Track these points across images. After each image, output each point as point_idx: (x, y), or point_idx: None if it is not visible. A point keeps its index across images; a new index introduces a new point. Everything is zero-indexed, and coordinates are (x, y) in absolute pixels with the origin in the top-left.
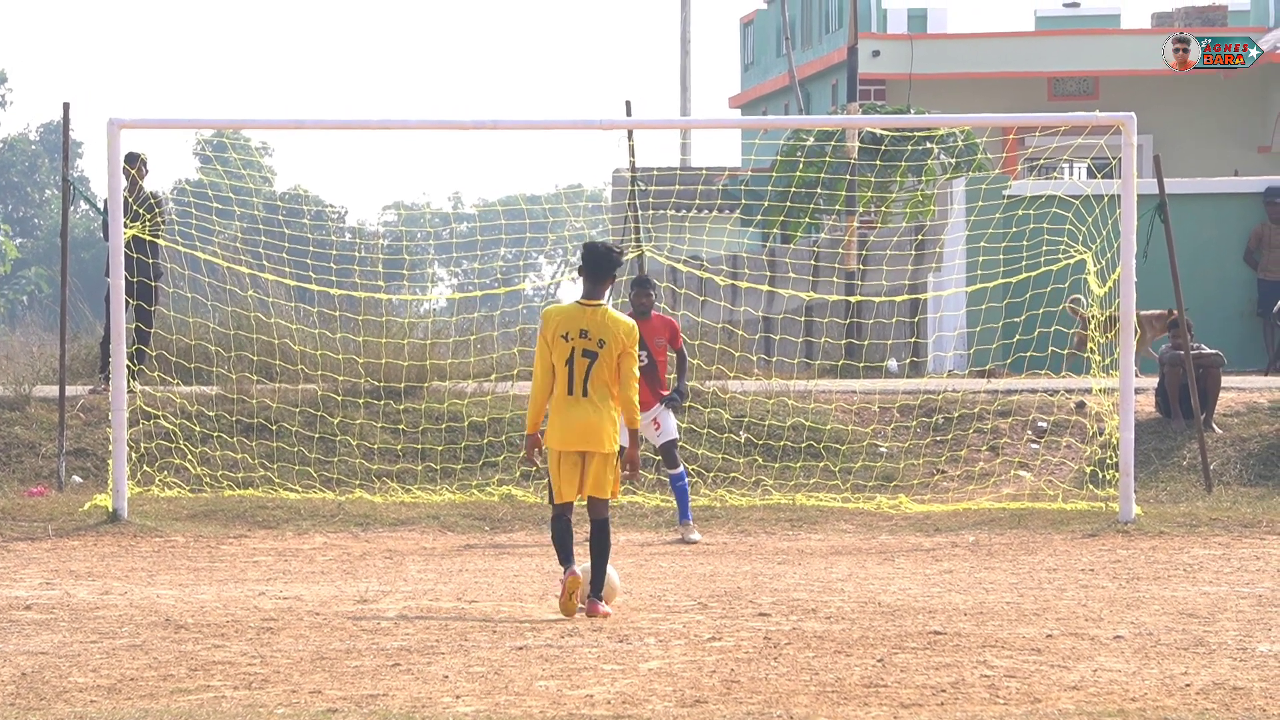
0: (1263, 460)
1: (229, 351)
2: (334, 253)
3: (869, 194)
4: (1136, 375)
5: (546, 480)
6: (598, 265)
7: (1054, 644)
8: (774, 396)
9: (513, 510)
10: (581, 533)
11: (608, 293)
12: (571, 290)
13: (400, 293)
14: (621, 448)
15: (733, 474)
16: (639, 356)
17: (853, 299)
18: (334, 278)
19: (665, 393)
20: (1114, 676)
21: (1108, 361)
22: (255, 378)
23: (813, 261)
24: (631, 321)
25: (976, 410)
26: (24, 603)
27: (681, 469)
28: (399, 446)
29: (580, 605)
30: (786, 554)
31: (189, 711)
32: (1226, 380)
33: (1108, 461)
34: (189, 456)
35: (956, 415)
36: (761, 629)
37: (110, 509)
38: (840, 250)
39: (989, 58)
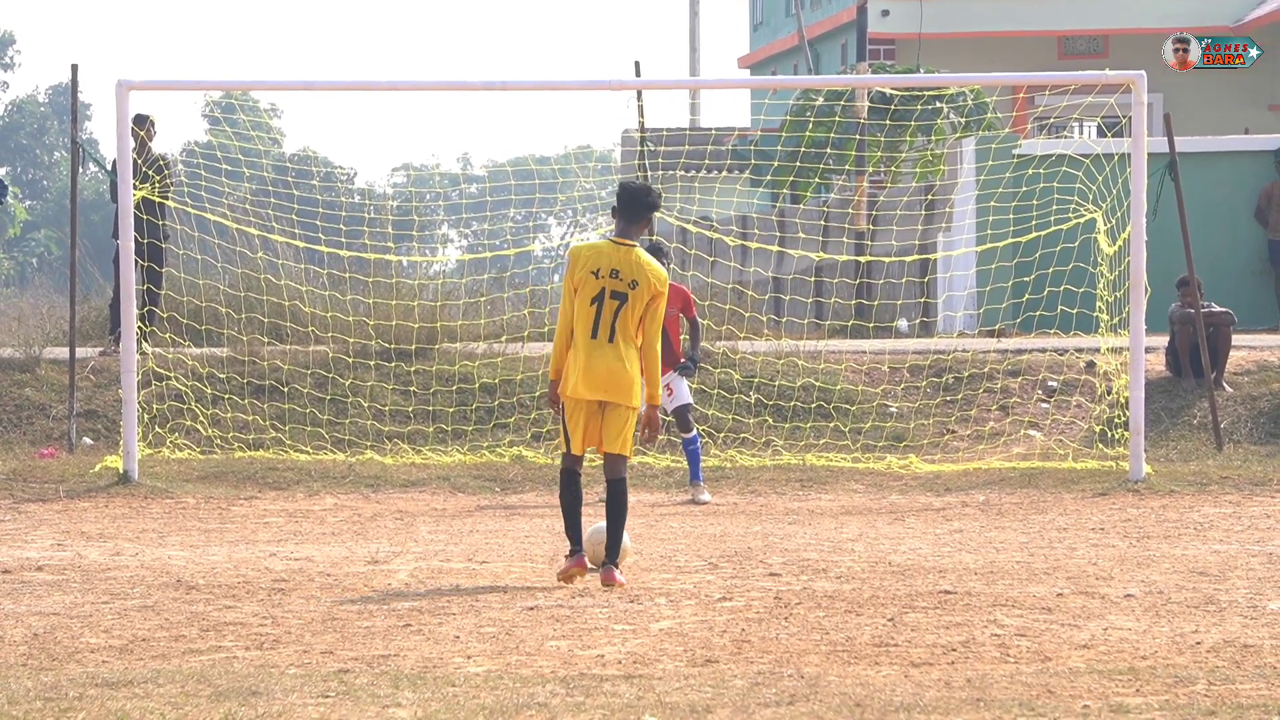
0: (1273, 418)
1: (239, 313)
2: (343, 214)
3: (878, 154)
4: None
5: (561, 432)
6: (633, 205)
7: (1064, 603)
8: (784, 357)
9: (523, 471)
10: (593, 493)
11: (640, 235)
12: None
13: (410, 254)
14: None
15: (743, 434)
16: None
17: (862, 259)
18: (343, 239)
19: (681, 360)
20: (1125, 635)
21: (1117, 320)
22: (265, 339)
23: (822, 222)
24: (664, 271)
25: (986, 370)
26: (35, 564)
27: (694, 433)
28: (409, 408)
29: (592, 569)
30: (797, 514)
31: (201, 672)
32: (1237, 339)
33: (1118, 420)
34: (200, 418)
35: (966, 375)
36: (772, 589)
37: (121, 470)
38: (850, 210)
39: (998, 16)
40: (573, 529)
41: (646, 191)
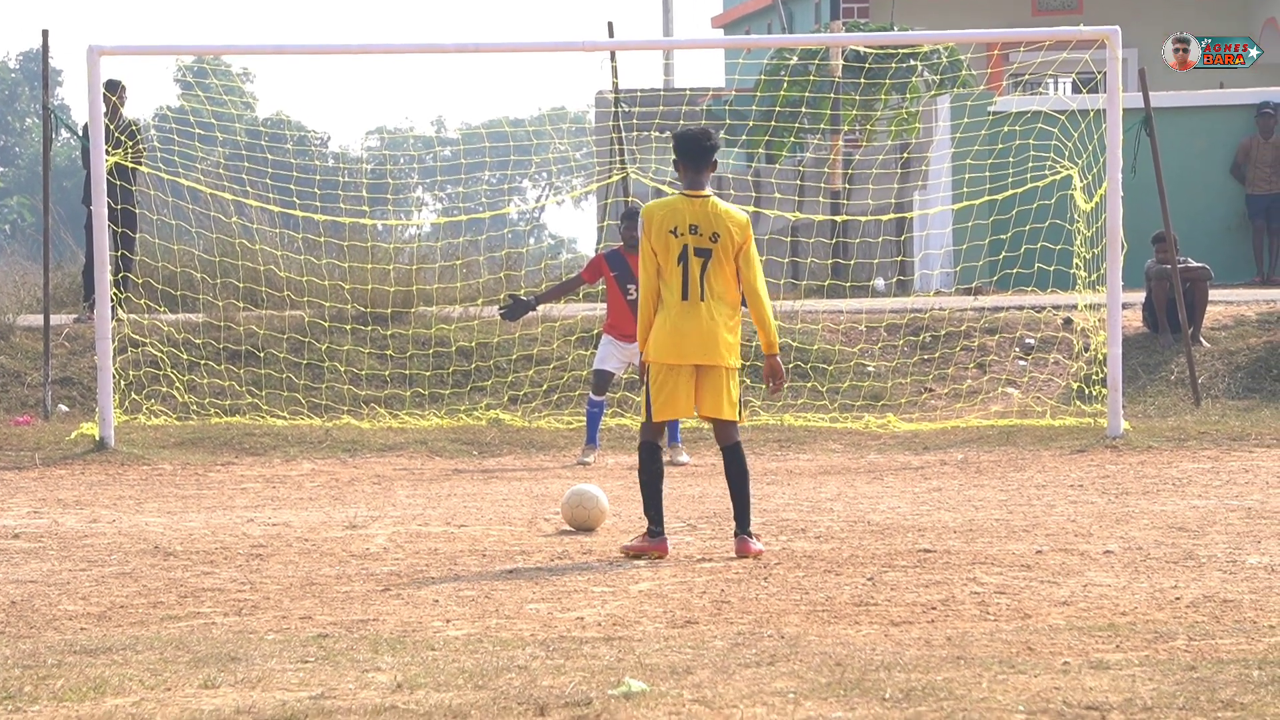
0: (1250, 373)
1: (214, 278)
2: (318, 178)
3: (853, 113)
4: None
5: (643, 402)
6: (695, 151)
7: (1043, 560)
8: None
9: (500, 435)
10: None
11: (709, 181)
12: (556, 214)
13: (385, 218)
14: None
15: None
16: (629, 290)
17: (838, 218)
18: (318, 203)
19: None
20: (1104, 591)
21: (1094, 277)
22: (241, 304)
23: (798, 181)
24: (745, 215)
25: (963, 328)
26: (12, 532)
27: (602, 399)
28: (386, 372)
29: (569, 529)
30: (775, 474)
31: (179, 638)
32: (1214, 294)
33: (1095, 377)
34: (175, 384)
35: (943, 333)
36: None
37: (97, 437)
38: (825, 170)
39: None
40: (653, 507)
41: (705, 135)
